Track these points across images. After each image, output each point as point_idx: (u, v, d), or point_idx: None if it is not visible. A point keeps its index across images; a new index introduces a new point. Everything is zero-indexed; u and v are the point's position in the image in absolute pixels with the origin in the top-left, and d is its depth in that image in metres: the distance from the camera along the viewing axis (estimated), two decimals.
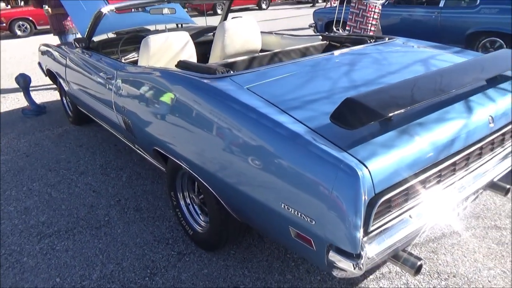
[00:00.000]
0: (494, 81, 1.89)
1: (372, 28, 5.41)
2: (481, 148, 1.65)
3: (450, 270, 2.01)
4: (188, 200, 2.27)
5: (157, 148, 2.19)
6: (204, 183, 1.86)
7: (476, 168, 1.67)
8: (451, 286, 1.91)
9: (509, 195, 2.43)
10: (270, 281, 1.99)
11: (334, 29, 6.09)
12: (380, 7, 5.47)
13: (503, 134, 1.77)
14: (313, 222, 1.30)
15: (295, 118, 1.49)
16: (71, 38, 5.43)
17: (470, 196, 1.72)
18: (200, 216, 2.24)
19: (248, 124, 1.54)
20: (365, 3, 5.34)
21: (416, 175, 1.38)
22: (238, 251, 2.20)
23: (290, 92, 1.74)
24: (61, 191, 2.93)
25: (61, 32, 5.44)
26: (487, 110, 1.67)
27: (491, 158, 1.74)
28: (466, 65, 1.92)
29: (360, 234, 1.23)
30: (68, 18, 5.39)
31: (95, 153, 3.55)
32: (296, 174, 1.34)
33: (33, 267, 2.17)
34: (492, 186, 1.95)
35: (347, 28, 5.65)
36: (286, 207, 1.39)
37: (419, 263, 1.45)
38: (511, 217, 2.38)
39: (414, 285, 1.92)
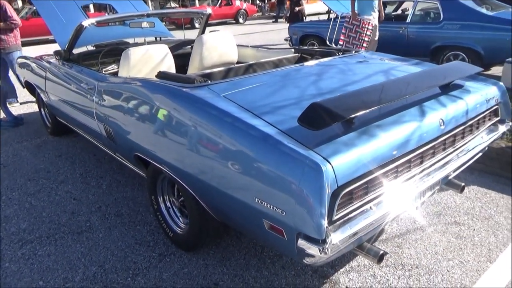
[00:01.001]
0: (446, 89, 2.10)
1: (365, 45, 5.49)
2: (433, 147, 1.84)
3: (413, 262, 2.18)
4: (168, 204, 2.37)
5: (138, 154, 2.29)
6: (184, 185, 1.98)
7: (430, 166, 1.86)
8: (414, 276, 2.08)
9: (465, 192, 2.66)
10: (247, 277, 2.11)
11: (328, 43, 6.20)
12: (374, 23, 5.56)
13: (454, 136, 1.97)
14: (284, 213, 1.45)
15: (266, 122, 1.64)
16: (17, 54, 4.99)
17: (426, 191, 1.90)
18: (180, 218, 2.34)
19: (224, 127, 1.68)
20: (359, 19, 5.47)
21: (375, 170, 1.55)
22: (217, 251, 2.31)
23: (262, 99, 1.90)
24: (41, 200, 2.98)
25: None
26: (439, 114, 1.87)
27: (443, 157, 1.93)
28: (423, 74, 2.13)
29: (324, 222, 1.37)
30: (11, 34, 5.02)
31: (75, 163, 3.60)
32: (268, 171, 1.49)
33: (15, 271, 2.22)
34: (448, 183, 2.16)
35: (340, 42, 5.69)
36: (259, 201, 1.53)
37: (381, 252, 1.61)
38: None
39: (381, 276, 2.08)
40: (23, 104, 5.72)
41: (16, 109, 5.36)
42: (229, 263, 2.22)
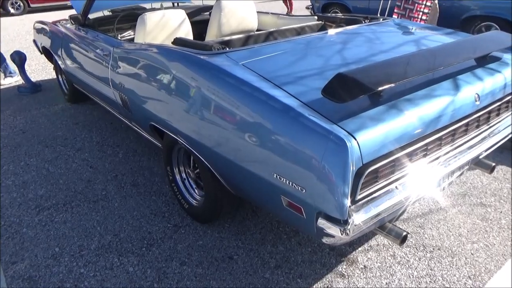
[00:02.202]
0: (483, 61, 1.94)
1: (424, 17, 4.76)
2: (466, 124, 1.71)
3: (435, 244, 2.09)
4: (183, 175, 2.33)
5: (153, 124, 2.23)
6: (200, 157, 1.92)
7: (462, 144, 1.74)
8: (435, 258, 2.00)
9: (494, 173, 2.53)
10: (262, 252, 2.07)
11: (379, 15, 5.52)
12: None
13: (489, 112, 1.83)
14: (304, 191, 1.37)
15: (288, 93, 1.54)
16: None
17: (455, 171, 1.79)
18: (195, 190, 2.30)
19: (242, 97, 1.59)
20: None
21: (403, 148, 1.44)
22: (232, 224, 2.27)
23: (284, 68, 1.78)
24: (59, 167, 2.98)
25: None
26: (474, 88, 1.72)
27: (477, 135, 1.81)
28: (457, 45, 1.97)
29: (347, 201, 1.29)
30: None
31: (92, 131, 3.58)
32: (288, 145, 1.40)
33: (32, 237, 2.23)
34: (478, 163, 2.03)
35: (393, 16, 4.96)
36: (278, 177, 1.45)
37: (404, 233, 1.53)
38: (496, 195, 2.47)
39: (401, 257, 2.01)
40: (42, 69, 5.71)
41: (34, 76, 5.35)
42: (244, 237, 2.18)
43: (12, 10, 12.77)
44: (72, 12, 3.56)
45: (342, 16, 2.89)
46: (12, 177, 2.86)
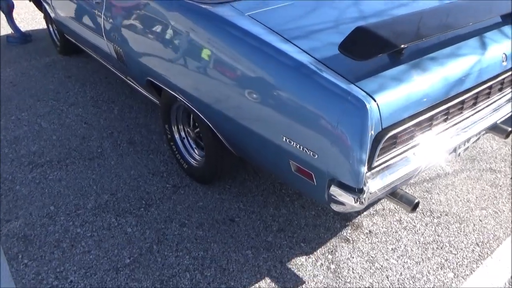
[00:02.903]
0: (511, 19, 1.78)
1: None
2: (490, 87, 1.59)
3: (443, 209, 2.04)
4: (183, 134, 2.22)
5: (150, 79, 2.08)
6: (200, 115, 1.80)
7: (483, 108, 1.63)
8: (443, 224, 1.95)
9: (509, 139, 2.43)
10: (265, 214, 2.01)
11: None
12: None
13: None
14: (316, 156, 1.27)
15: (300, 48, 1.40)
16: None
17: (472, 137, 1.69)
18: (195, 150, 2.20)
19: (249, 52, 1.45)
20: None
21: (425, 111, 1.33)
22: (233, 185, 2.19)
23: (295, 20, 1.62)
24: (52, 122, 2.85)
25: None
26: (501, 47, 1.58)
27: (499, 99, 1.69)
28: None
29: (364, 169, 1.20)
30: None
31: (85, 85, 3.42)
32: (299, 106, 1.28)
33: (26, 195, 2.15)
34: (494, 128, 1.92)
35: None
36: (287, 140, 1.35)
37: (416, 200, 1.45)
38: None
39: (407, 222, 1.96)
40: (31, 19, 5.41)
41: (24, 25, 5.07)
42: (245, 199, 2.11)
43: None
44: None
45: None
46: (3, 132, 2.74)
